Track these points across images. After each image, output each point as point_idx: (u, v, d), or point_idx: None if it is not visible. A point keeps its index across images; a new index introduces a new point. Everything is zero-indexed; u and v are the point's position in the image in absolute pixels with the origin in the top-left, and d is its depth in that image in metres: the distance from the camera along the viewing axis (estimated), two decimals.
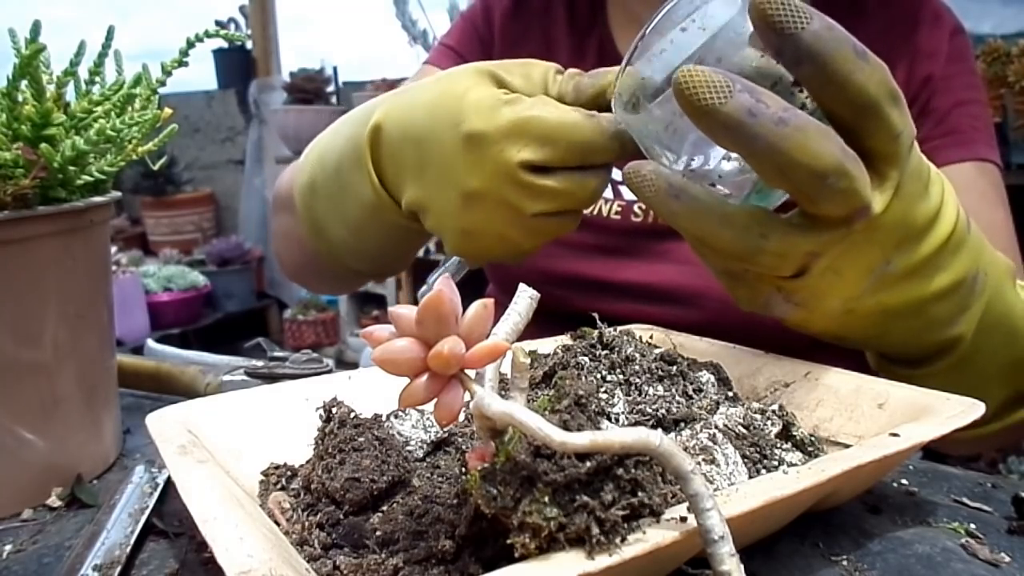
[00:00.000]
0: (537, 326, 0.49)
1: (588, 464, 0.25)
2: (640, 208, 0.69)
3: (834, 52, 0.32)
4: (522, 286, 0.31)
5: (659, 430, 0.25)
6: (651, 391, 0.41)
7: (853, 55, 0.33)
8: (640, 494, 0.25)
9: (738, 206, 0.36)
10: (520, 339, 0.43)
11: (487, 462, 0.26)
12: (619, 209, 0.69)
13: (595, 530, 0.24)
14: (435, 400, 0.28)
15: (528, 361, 0.28)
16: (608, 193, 0.71)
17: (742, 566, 0.25)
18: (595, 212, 0.70)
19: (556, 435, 0.24)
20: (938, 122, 0.66)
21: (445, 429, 0.40)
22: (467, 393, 0.28)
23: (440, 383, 0.27)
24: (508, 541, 0.25)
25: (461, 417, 0.39)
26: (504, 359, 0.29)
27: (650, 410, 0.39)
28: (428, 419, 0.40)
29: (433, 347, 0.27)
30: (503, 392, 0.30)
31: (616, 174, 0.71)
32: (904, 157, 0.36)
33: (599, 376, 0.41)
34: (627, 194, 0.70)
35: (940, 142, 0.65)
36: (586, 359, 0.42)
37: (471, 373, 0.28)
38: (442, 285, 0.27)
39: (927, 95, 0.66)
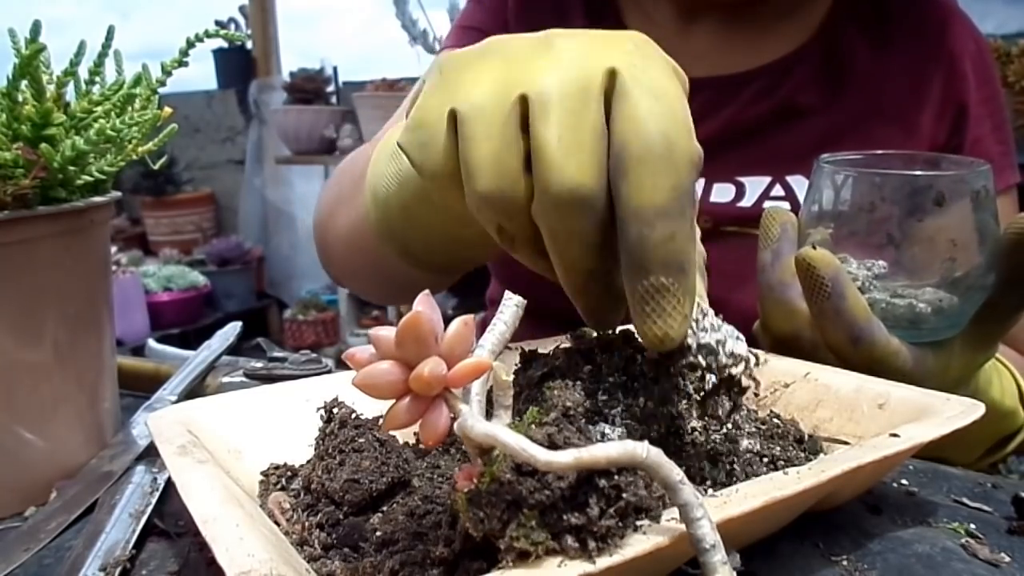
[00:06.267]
0: (543, 329, 0.49)
1: (570, 477, 0.24)
2: None
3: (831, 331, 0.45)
4: (508, 294, 0.30)
5: (645, 441, 0.25)
6: None
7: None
8: (624, 495, 0.25)
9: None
10: (521, 339, 0.43)
11: (474, 482, 0.26)
12: None
13: (590, 544, 0.24)
14: (420, 421, 0.27)
15: (510, 379, 0.28)
16: None
17: (735, 573, 0.25)
18: None
19: (540, 455, 0.24)
20: (972, 152, 0.66)
21: None
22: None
23: (423, 404, 0.27)
24: (498, 564, 0.25)
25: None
26: (492, 371, 0.28)
27: None
28: None
29: (414, 369, 0.26)
30: (491, 407, 0.29)
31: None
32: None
33: (598, 377, 0.41)
34: None
35: None
36: (585, 360, 0.42)
37: (457, 391, 0.28)
38: (421, 304, 0.26)
39: (962, 123, 0.67)
